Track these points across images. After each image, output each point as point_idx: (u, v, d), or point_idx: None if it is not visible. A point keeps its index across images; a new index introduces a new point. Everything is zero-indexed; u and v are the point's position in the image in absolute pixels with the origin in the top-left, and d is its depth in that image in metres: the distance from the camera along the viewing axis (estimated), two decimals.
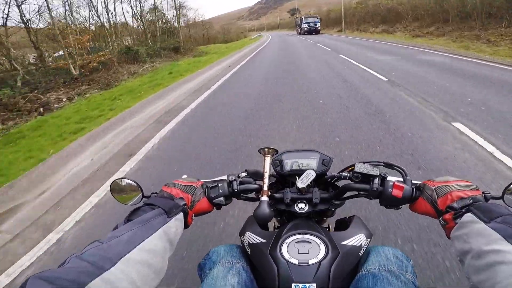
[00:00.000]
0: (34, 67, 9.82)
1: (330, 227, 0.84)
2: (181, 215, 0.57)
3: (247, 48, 19.15)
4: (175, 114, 4.63)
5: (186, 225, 0.60)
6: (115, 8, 18.17)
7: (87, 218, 2.18)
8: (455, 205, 0.52)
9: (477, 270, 0.41)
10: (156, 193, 0.64)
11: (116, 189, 0.67)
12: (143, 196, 0.65)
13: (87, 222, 2.14)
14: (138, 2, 17.77)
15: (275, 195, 0.71)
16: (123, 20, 19.40)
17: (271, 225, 0.88)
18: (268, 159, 0.70)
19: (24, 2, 9.05)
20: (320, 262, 0.56)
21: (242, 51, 16.47)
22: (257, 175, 0.75)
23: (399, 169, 0.67)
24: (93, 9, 14.07)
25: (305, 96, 4.95)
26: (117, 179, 0.67)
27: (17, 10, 8.91)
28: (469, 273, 0.44)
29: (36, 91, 7.60)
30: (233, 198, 0.72)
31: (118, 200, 0.67)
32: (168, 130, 3.91)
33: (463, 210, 0.50)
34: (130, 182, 0.66)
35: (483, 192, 0.55)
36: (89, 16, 14.37)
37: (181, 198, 0.62)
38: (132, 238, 0.44)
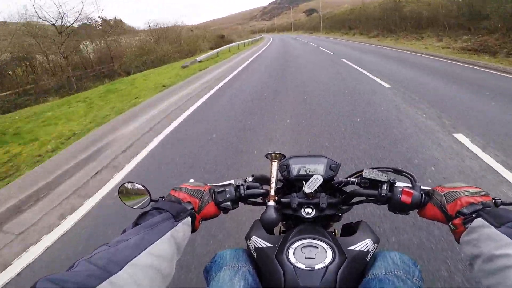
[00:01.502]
0: None
1: (336, 232, 0.83)
2: (188, 219, 0.57)
3: None
4: None
5: (194, 229, 0.61)
6: None
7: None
8: (465, 210, 0.52)
9: (487, 274, 0.42)
10: (163, 197, 0.64)
11: (124, 192, 0.67)
12: (151, 200, 0.65)
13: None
14: None
15: (282, 199, 0.70)
16: None
17: (276, 229, 0.87)
18: (275, 164, 0.70)
19: None
20: (327, 267, 0.55)
21: None
22: (263, 180, 0.75)
23: (408, 175, 0.67)
24: None
25: None
26: (125, 183, 0.67)
27: None
28: (480, 277, 0.44)
29: None
30: (240, 202, 0.72)
31: (125, 203, 0.67)
32: None
33: (473, 215, 0.50)
34: (138, 186, 0.66)
35: (493, 198, 0.54)
36: None
37: (189, 202, 0.63)
38: (139, 242, 0.44)
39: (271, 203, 0.63)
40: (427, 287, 0.60)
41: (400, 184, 0.65)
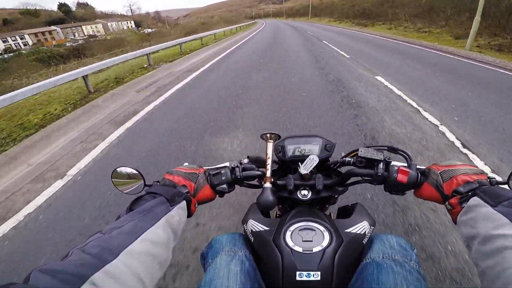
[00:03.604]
0: None
1: (332, 214, 0.83)
2: (184, 203, 0.56)
3: None
4: None
5: (190, 214, 0.59)
6: None
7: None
8: (461, 189, 0.51)
9: (485, 255, 0.40)
10: (158, 181, 0.63)
11: (117, 177, 0.65)
12: (145, 185, 0.63)
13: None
14: None
15: (277, 181, 0.69)
16: None
17: (272, 213, 0.87)
18: (270, 145, 0.69)
19: None
20: (324, 250, 0.55)
21: None
22: (259, 162, 0.73)
23: (404, 154, 0.66)
24: None
25: None
26: (118, 167, 0.64)
27: None
28: (477, 259, 0.42)
29: None
30: (236, 185, 0.71)
31: (119, 188, 0.65)
32: None
33: (469, 194, 0.49)
34: (132, 170, 0.64)
35: (488, 177, 0.53)
36: None
37: (184, 185, 0.61)
38: (134, 229, 0.43)
39: (268, 185, 0.62)
40: (423, 271, 0.55)
41: (396, 163, 0.64)
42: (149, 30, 64.29)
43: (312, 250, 0.54)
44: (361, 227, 0.61)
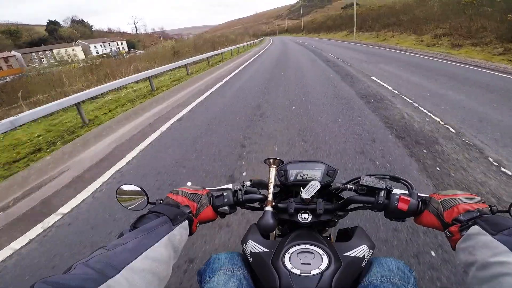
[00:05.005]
0: None
1: (332, 237, 0.83)
2: (186, 223, 0.57)
3: None
4: None
5: (191, 233, 0.61)
6: None
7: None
8: (461, 217, 0.51)
9: (481, 281, 0.41)
10: (161, 199, 0.65)
11: (122, 194, 0.67)
12: (148, 202, 0.66)
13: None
14: None
15: (278, 204, 0.70)
16: None
17: (272, 233, 0.88)
18: (273, 170, 0.70)
19: None
20: (322, 273, 0.55)
21: None
22: (261, 185, 0.75)
23: (405, 183, 0.66)
24: None
25: None
26: (123, 185, 0.66)
27: None
28: (473, 284, 0.43)
29: None
30: (237, 207, 0.72)
31: (123, 205, 0.67)
32: None
33: (469, 222, 0.49)
34: (136, 188, 0.66)
35: (489, 206, 0.53)
36: None
37: (187, 205, 0.63)
38: (137, 246, 0.44)
39: (269, 208, 0.63)
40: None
41: (397, 191, 0.64)
42: (142, 51, 53.56)
43: (310, 273, 0.54)
44: (360, 250, 0.61)
